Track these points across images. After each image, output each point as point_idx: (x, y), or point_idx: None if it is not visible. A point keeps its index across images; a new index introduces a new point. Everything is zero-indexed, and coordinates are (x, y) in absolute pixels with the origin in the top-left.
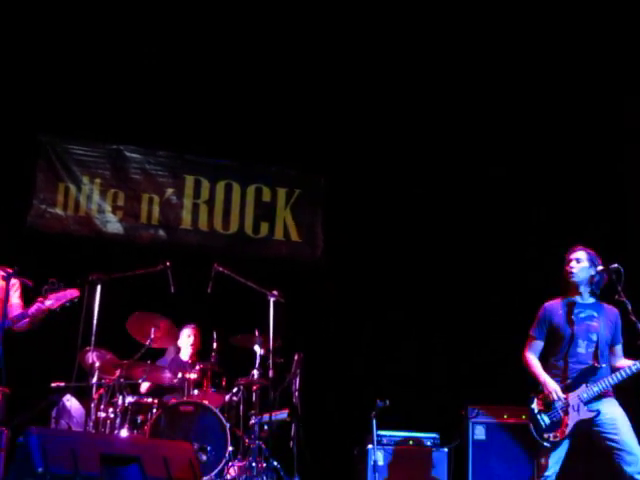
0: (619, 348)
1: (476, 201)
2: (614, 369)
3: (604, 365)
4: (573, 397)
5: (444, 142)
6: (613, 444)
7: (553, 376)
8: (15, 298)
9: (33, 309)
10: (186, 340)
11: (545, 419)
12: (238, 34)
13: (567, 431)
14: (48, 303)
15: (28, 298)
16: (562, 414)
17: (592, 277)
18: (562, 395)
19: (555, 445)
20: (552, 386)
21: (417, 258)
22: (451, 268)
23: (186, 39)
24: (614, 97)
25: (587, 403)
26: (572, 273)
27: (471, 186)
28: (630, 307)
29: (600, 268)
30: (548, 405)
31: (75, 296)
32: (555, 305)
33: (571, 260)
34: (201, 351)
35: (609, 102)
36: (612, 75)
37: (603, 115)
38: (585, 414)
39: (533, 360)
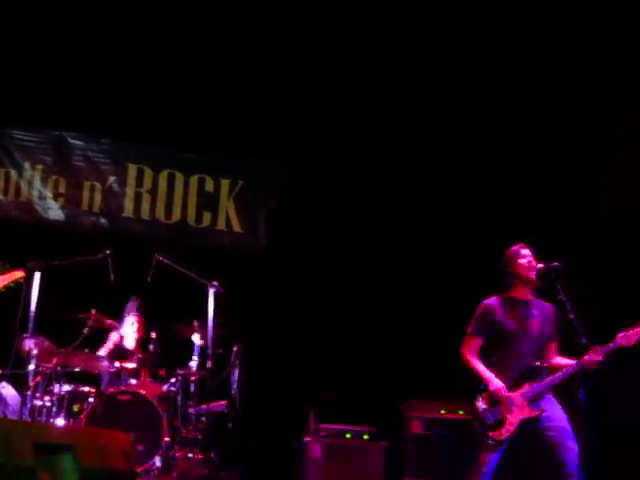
0: (555, 345)
1: (429, 195)
2: (551, 365)
3: (545, 364)
4: (517, 396)
5: (400, 133)
6: (553, 441)
7: (495, 373)
8: None
9: None
10: (130, 328)
11: (490, 417)
12: (178, 21)
13: (512, 429)
14: None
15: None
16: (507, 412)
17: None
18: (507, 393)
19: (499, 443)
20: (497, 384)
21: (362, 251)
22: (396, 263)
23: (127, 23)
24: (577, 94)
25: (531, 402)
26: (533, 270)
27: (426, 179)
28: (569, 306)
29: (541, 266)
30: (493, 403)
31: (20, 276)
32: (494, 303)
33: (527, 256)
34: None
35: (572, 98)
36: (578, 70)
37: (565, 110)
38: (530, 412)
39: (473, 359)
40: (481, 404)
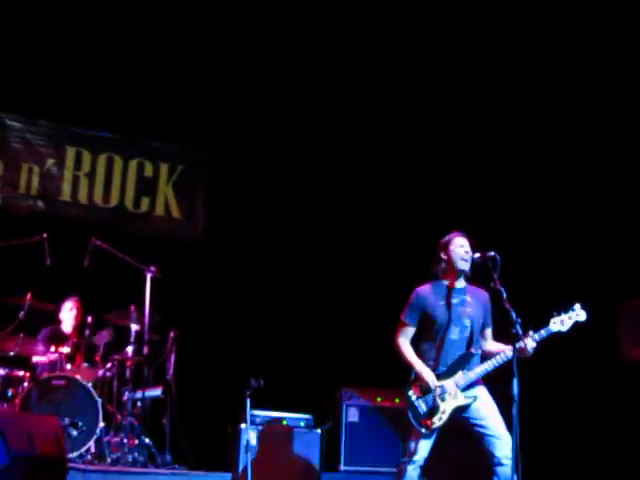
0: (489, 331)
1: (367, 177)
2: (485, 352)
3: (479, 351)
4: (450, 384)
5: (332, 120)
6: (482, 429)
7: (426, 362)
8: None
9: None
10: (68, 313)
11: (422, 406)
12: (116, 4)
13: (445, 418)
14: None
15: None
16: (439, 401)
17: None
18: (437, 383)
19: (432, 432)
20: (427, 375)
21: (300, 238)
22: (333, 249)
23: (71, 8)
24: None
25: (464, 389)
26: (466, 260)
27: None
28: (505, 295)
29: (477, 255)
30: (425, 392)
31: None
32: (427, 290)
33: (463, 244)
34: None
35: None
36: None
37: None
38: (462, 400)
39: (406, 347)
40: (413, 393)
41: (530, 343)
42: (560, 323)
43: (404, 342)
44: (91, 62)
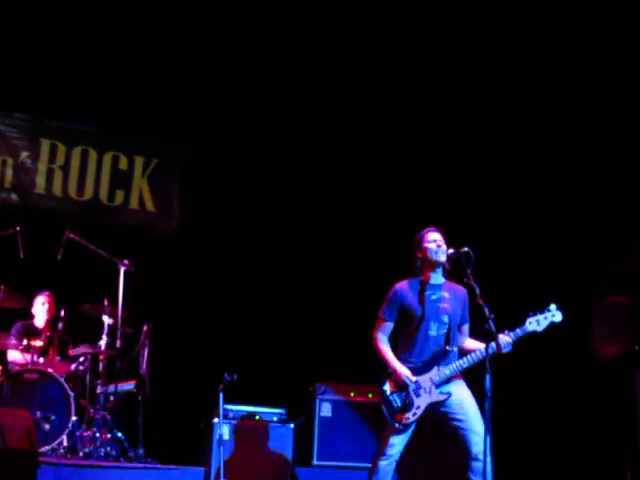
0: (466, 327)
1: (341, 172)
2: (461, 349)
3: (455, 348)
4: (425, 379)
5: (311, 117)
6: (459, 424)
7: (403, 357)
8: None
9: None
10: (41, 307)
11: (397, 401)
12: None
13: (419, 413)
14: None
15: None
16: (414, 396)
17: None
18: (413, 378)
19: (406, 427)
20: (402, 371)
21: (276, 233)
22: (310, 245)
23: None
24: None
25: (439, 386)
26: (441, 254)
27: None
28: (478, 291)
29: (451, 251)
30: (400, 387)
31: None
32: (405, 286)
33: (436, 240)
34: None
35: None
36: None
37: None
38: (437, 397)
39: (383, 344)
40: (388, 387)
41: (505, 339)
42: (536, 323)
43: (381, 338)
44: (66, 54)
